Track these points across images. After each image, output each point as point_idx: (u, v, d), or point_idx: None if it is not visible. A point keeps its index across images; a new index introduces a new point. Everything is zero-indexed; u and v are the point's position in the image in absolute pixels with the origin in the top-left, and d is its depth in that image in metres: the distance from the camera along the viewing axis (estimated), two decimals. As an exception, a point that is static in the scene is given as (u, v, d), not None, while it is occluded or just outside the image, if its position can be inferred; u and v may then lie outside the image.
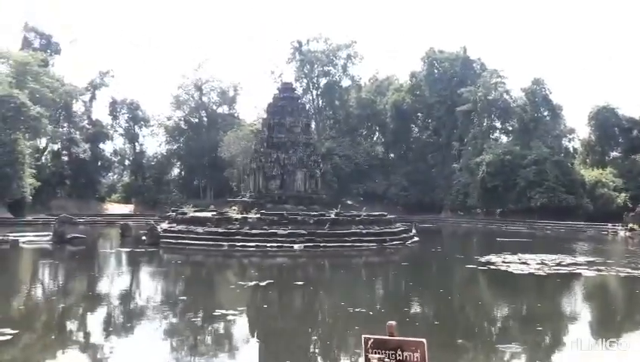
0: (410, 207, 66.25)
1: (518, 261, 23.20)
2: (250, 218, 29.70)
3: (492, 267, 21.54)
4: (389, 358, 3.98)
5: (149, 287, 18.60)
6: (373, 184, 70.11)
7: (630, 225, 44.62)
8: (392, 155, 77.60)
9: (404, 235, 32.30)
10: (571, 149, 67.13)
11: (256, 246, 27.08)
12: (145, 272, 22.71)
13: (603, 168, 58.62)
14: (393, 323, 4.35)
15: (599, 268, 21.64)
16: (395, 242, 30.29)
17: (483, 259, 23.59)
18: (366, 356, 4.05)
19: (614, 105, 61.84)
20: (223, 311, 12.93)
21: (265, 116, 39.75)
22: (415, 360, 4.02)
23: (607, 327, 12.56)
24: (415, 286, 19.01)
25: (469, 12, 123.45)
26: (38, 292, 17.05)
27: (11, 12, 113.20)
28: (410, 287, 18.88)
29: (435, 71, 71.87)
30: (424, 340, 4.10)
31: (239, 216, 30.27)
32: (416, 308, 14.86)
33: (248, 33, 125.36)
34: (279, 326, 12.56)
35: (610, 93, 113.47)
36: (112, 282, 18.70)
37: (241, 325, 12.47)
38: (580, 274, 20.09)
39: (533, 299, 16.07)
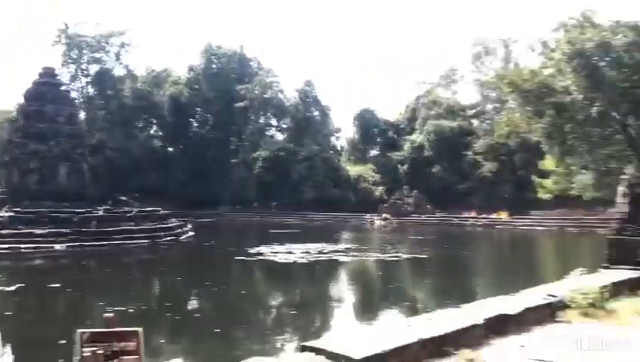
0: (190, 202, 65.34)
1: (285, 251, 24.64)
2: (2, 217, 26.49)
3: (260, 258, 22.55)
4: (104, 350, 3.97)
5: None
6: (151, 179, 67.60)
7: (384, 214, 50.64)
8: (170, 150, 75.67)
9: (179, 231, 32.03)
10: (338, 147, 73.16)
11: (9, 248, 24.24)
12: None
13: (365, 164, 65.26)
14: (111, 315, 4.37)
15: (354, 253, 24.20)
16: (168, 238, 29.82)
17: (253, 251, 24.54)
18: (81, 350, 3.98)
19: (374, 108, 69.52)
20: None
21: (22, 102, 35.62)
22: (131, 349, 4.09)
23: (357, 308, 14.11)
24: (182, 281, 18.95)
25: (247, 13, 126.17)
26: None
27: None
28: (176, 283, 18.77)
29: (214, 66, 72.09)
30: (140, 329, 4.18)
31: (-13, 215, 26.75)
32: (179, 303, 14.81)
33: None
34: (23, 333, 11.48)
35: (373, 97, 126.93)
36: None
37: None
38: (336, 260, 22.16)
39: (292, 286, 17.27)
